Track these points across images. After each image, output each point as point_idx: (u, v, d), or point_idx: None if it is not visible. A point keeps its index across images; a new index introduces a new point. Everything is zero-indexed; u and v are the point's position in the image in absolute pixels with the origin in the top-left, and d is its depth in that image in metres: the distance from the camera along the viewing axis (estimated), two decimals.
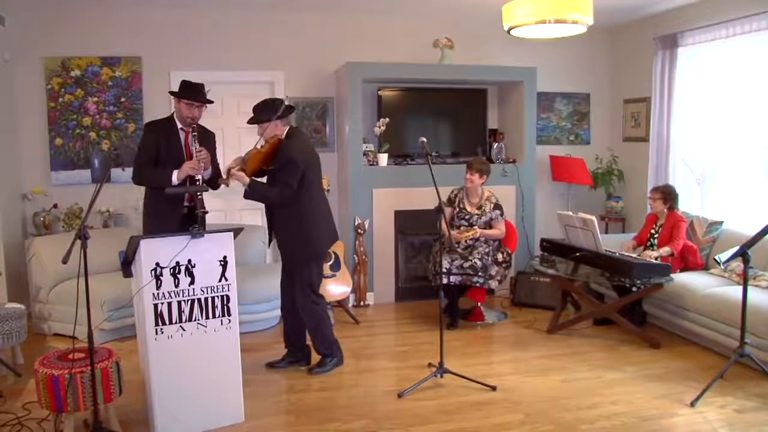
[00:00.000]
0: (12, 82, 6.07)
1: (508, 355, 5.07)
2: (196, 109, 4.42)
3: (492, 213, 5.72)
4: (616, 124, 7.63)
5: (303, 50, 6.68)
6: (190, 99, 4.39)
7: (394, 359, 4.98)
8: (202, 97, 4.44)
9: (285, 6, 6.36)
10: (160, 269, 3.55)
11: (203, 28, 6.47)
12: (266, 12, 6.53)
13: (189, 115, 4.40)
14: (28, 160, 6.21)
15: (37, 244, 5.53)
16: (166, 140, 4.41)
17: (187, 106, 4.39)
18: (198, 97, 4.42)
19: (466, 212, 5.73)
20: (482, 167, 5.69)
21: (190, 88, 4.44)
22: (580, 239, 5.46)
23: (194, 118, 4.42)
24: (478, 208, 5.74)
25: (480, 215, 5.71)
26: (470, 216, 5.71)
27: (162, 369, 3.59)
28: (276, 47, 6.65)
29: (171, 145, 4.42)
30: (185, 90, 4.43)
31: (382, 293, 6.58)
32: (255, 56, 6.60)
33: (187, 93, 4.41)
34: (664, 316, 5.42)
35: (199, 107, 4.44)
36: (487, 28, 6.77)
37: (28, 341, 4.91)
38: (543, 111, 7.41)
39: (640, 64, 7.04)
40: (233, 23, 6.53)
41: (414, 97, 6.84)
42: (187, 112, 4.40)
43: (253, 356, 4.82)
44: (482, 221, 5.70)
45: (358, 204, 6.38)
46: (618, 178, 7.38)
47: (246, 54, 6.58)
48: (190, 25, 6.44)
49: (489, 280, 5.61)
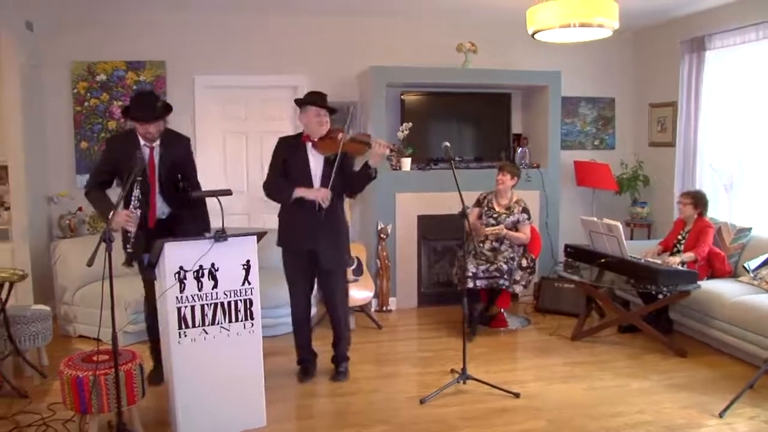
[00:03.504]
0: (40, 86, 6.16)
1: (531, 361, 5.05)
2: (151, 126, 4.04)
3: (519, 215, 5.74)
4: (641, 129, 7.56)
5: (326, 54, 6.71)
6: (140, 120, 4.02)
7: (416, 365, 4.98)
8: (151, 115, 4.02)
9: (308, 10, 6.39)
10: (183, 272, 3.59)
11: (226, 32, 6.52)
12: (289, 15, 6.56)
13: (143, 134, 4.08)
14: (55, 163, 6.30)
15: (63, 247, 5.61)
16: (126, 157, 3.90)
17: (140, 124, 4.04)
18: (147, 117, 4.01)
19: (494, 211, 5.76)
20: (513, 169, 5.78)
21: (140, 104, 4.06)
22: (605, 245, 5.42)
23: (152, 136, 4.08)
24: (506, 209, 5.77)
25: (507, 215, 5.72)
26: (498, 215, 5.74)
27: (185, 372, 3.62)
28: (299, 51, 6.68)
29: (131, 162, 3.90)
30: (135, 108, 4.05)
31: (405, 298, 6.57)
32: (278, 60, 6.64)
33: (138, 111, 4.02)
34: (691, 324, 5.34)
35: (152, 124, 4.04)
36: (511, 31, 6.74)
37: (54, 343, 4.97)
38: (567, 115, 7.37)
39: (667, 67, 6.97)
40: (256, 27, 6.57)
41: (437, 102, 6.84)
42: (142, 130, 4.07)
43: (275, 360, 4.83)
44: (509, 221, 5.71)
45: (381, 208, 6.38)
46: (643, 183, 7.31)
47: (269, 58, 6.62)
48: (214, 30, 6.49)
49: (514, 285, 5.61)
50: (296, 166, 4.37)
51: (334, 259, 4.46)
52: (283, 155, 4.42)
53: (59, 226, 6.17)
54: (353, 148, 4.33)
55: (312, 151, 4.38)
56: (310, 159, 4.39)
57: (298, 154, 4.39)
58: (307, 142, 4.38)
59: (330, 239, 4.40)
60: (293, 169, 4.38)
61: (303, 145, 4.40)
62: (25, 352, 4.62)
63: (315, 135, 4.34)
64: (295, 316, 4.62)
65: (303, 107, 4.41)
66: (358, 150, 4.35)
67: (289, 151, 4.42)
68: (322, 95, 4.40)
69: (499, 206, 5.80)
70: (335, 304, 4.58)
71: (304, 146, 4.39)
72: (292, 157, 4.39)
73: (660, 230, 7.03)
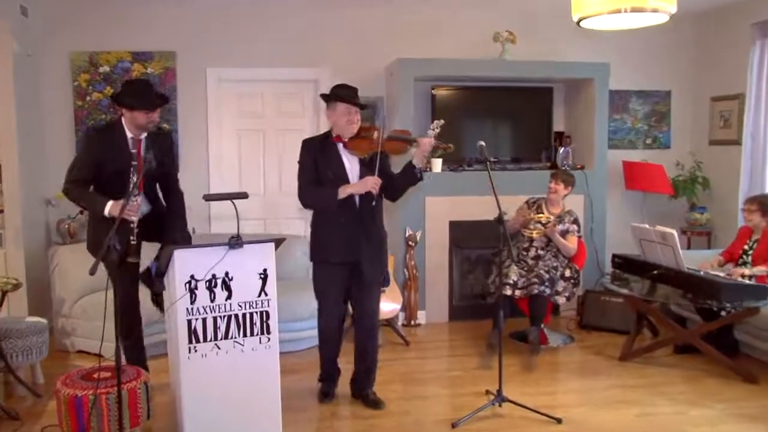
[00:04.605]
0: (36, 78, 6.25)
1: (574, 383, 5.03)
2: (155, 114, 4.24)
3: (570, 225, 5.81)
4: (701, 126, 7.49)
5: (350, 44, 6.76)
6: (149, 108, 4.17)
7: (447, 385, 4.99)
8: (157, 102, 4.23)
9: None
10: (195, 282, 3.63)
11: (242, 21, 6.59)
12: (311, 2, 6.60)
13: (150, 120, 4.21)
14: (53, 162, 6.29)
15: (62, 254, 5.70)
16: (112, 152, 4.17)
17: (145, 113, 4.17)
18: (156, 102, 4.22)
19: (543, 216, 5.87)
20: (568, 178, 5.88)
21: (142, 91, 4.23)
22: (658, 255, 5.38)
23: (154, 125, 4.29)
24: (556, 216, 5.84)
25: (557, 222, 5.78)
26: (548, 221, 5.81)
27: (195, 390, 3.66)
28: (321, 41, 6.73)
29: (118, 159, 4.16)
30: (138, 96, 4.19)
31: (435, 312, 6.59)
32: (298, 51, 6.69)
33: (143, 100, 4.17)
34: (762, 347, 5.26)
35: (157, 111, 4.27)
36: (553, 19, 6.74)
37: (50, 359, 5.01)
38: (616, 111, 7.34)
39: (733, 55, 6.90)
40: (275, 15, 6.63)
41: (471, 97, 6.86)
42: (145, 119, 4.18)
43: (293, 379, 4.86)
44: (558, 228, 5.76)
45: (409, 214, 6.41)
46: (703, 186, 7.24)
47: (288, 49, 6.68)
48: (228, 19, 6.56)
49: (555, 296, 5.60)
50: (330, 170, 4.29)
51: (377, 271, 4.45)
52: (313, 158, 4.34)
53: (58, 231, 6.22)
54: (393, 147, 4.29)
55: (345, 152, 4.34)
56: (345, 161, 4.33)
57: (329, 157, 4.32)
58: (338, 142, 4.34)
59: (373, 249, 4.37)
60: (327, 173, 4.29)
61: (334, 146, 4.34)
62: (18, 369, 4.63)
63: (346, 134, 4.30)
64: (326, 326, 4.53)
65: (330, 103, 4.36)
66: (399, 149, 4.31)
67: (318, 155, 4.34)
68: (352, 89, 4.34)
69: (549, 213, 5.87)
70: (372, 323, 4.52)
71: (335, 147, 4.34)
72: (324, 161, 4.31)
73: (721, 239, 6.97)
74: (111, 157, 4.13)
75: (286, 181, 6.69)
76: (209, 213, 6.62)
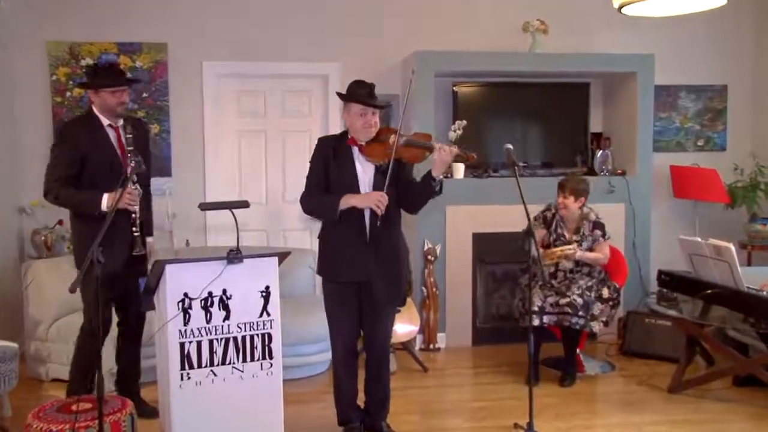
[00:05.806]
0: (10, 71, 6.27)
1: (615, 417, 4.99)
2: (124, 94, 4.45)
3: (592, 234, 5.67)
4: (763, 124, 7.47)
5: (363, 36, 6.77)
6: (114, 84, 4.38)
7: (470, 418, 4.96)
8: (125, 80, 4.50)
9: None
10: (188, 301, 3.63)
11: (243, 10, 6.60)
12: None
13: (120, 102, 4.41)
14: (29, 165, 6.28)
15: (37, 269, 5.67)
16: (92, 143, 4.38)
17: (111, 93, 4.36)
18: (121, 80, 4.45)
19: (564, 239, 5.67)
20: (576, 186, 5.62)
21: (107, 71, 4.49)
22: (712, 272, 5.34)
23: (124, 106, 4.46)
24: (576, 232, 5.69)
25: (580, 241, 5.65)
26: (573, 251, 5.56)
27: (187, 422, 3.66)
28: (330, 33, 6.74)
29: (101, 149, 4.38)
30: (103, 76, 4.43)
31: (457, 334, 6.58)
32: (304, 44, 6.70)
33: (107, 78, 4.40)
34: None
35: (125, 91, 4.47)
36: (590, 6, 6.75)
37: (20, 388, 4.95)
38: (663, 109, 7.33)
39: None
40: (279, 4, 6.65)
41: (498, 94, 6.86)
42: (114, 100, 4.39)
43: (299, 409, 4.84)
44: (585, 247, 5.64)
45: (428, 225, 6.40)
46: (765, 194, 7.19)
47: (294, 41, 6.69)
48: (227, 7, 6.58)
49: (591, 322, 5.50)
50: (340, 174, 4.25)
51: (392, 291, 4.37)
52: (325, 160, 4.30)
53: (32, 243, 6.26)
54: (410, 154, 4.21)
55: (360, 157, 4.29)
56: (357, 166, 4.28)
57: (342, 161, 4.28)
58: (353, 145, 4.30)
59: (386, 267, 4.28)
60: (336, 178, 4.25)
61: (348, 150, 4.30)
62: None
63: (361, 138, 4.25)
64: (339, 359, 4.44)
65: (346, 103, 4.31)
66: (416, 156, 4.22)
67: (330, 157, 4.30)
68: (368, 87, 4.27)
69: (569, 232, 5.70)
70: (384, 347, 4.48)
71: (350, 150, 4.30)
72: (335, 165, 4.27)
73: None
74: (94, 147, 4.33)
75: (291, 188, 6.68)
76: (205, 223, 6.61)
